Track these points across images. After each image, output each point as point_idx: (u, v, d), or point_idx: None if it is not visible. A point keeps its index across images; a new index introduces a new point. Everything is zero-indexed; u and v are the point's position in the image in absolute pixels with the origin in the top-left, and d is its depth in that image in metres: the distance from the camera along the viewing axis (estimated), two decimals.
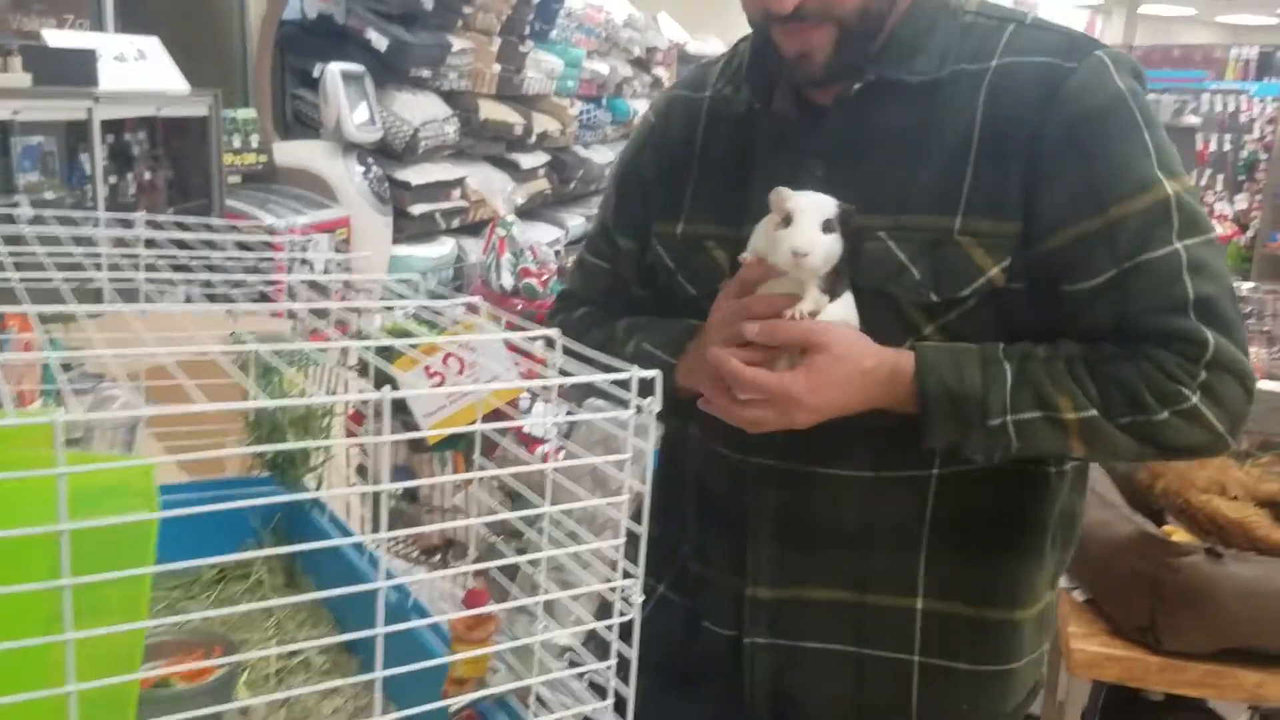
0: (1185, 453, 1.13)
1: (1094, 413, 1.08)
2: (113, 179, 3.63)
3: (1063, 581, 1.61)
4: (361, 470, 1.58)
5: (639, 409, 0.81)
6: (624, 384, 0.81)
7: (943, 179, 1.11)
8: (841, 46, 1.10)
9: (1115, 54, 1.13)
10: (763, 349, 1.10)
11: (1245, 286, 3.52)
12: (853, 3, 1.09)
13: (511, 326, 1.51)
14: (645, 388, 0.81)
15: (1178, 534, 1.86)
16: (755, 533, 1.24)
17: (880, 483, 1.19)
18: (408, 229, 5.49)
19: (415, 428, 0.96)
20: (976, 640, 1.22)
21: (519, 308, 2.24)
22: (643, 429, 0.82)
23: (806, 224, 1.05)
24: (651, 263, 1.32)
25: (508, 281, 2.24)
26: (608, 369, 0.82)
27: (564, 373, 0.85)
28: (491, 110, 6.30)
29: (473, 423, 1.06)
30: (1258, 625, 1.71)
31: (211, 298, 1.21)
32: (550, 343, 0.89)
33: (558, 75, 7.33)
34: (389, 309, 1.12)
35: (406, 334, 1.40)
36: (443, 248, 5.77)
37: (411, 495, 1.77)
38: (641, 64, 9.33)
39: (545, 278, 2.26)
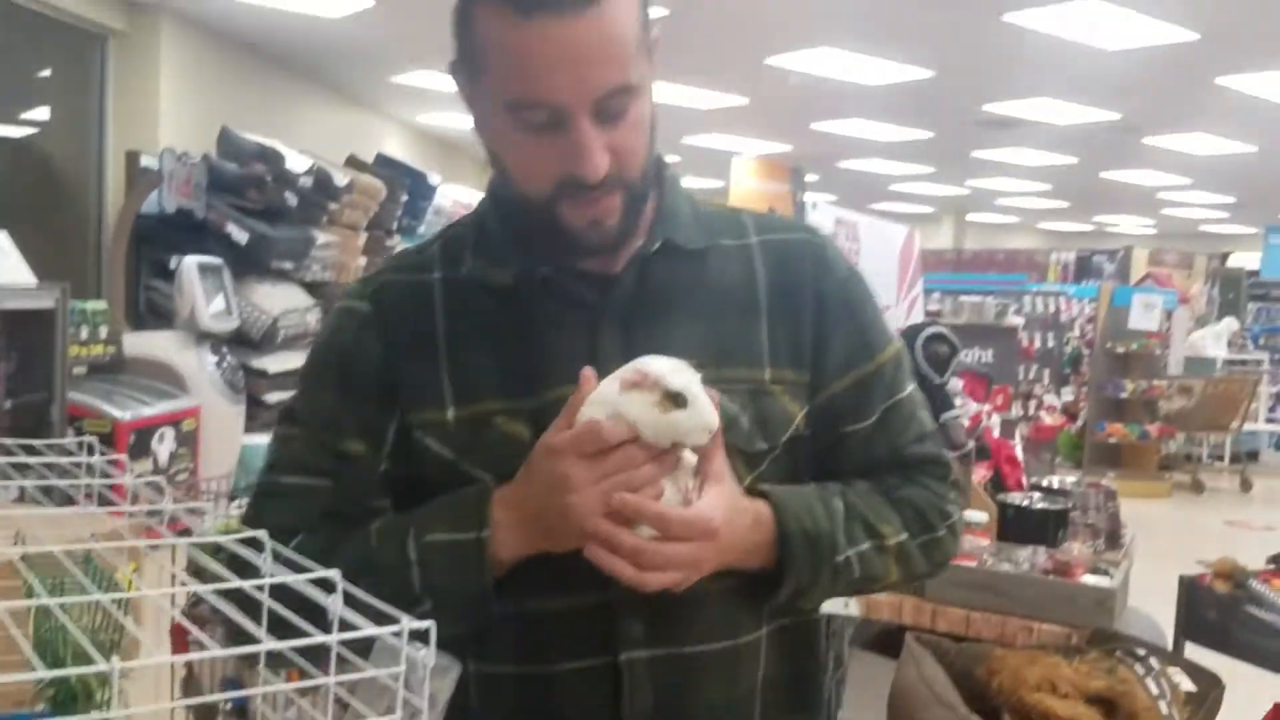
0: (945, 566, 1.26)
1: (905, 536, 1.18)
2: None
3: None
4: (187, 683, 1.50)
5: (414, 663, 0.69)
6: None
7: (743, 335, 1.17)
8: (627, 212, 1.11)
9: None
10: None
11: (1070, 480, 3.61)
12: (638, 168, 1.10)
13: None
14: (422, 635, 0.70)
15: None
16: None
17: (737, 651, 1.15)
18: (263, 417, 5.42)
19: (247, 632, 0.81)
20: None
21: None
22: (419, 683, 0.70)
23: (705, 400, 1.00)
24: (390, 469, 1.15)
25: None
26: (382, 617, 0.71)
27: (345, 624, 0.71)
28: None
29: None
30: None
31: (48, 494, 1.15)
32: (328, 586, 0.73)
33: None
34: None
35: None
36: None
37: (241, 710, 1.65)
38: None
39: None
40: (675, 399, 1.00)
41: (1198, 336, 11.26)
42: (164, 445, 4.87)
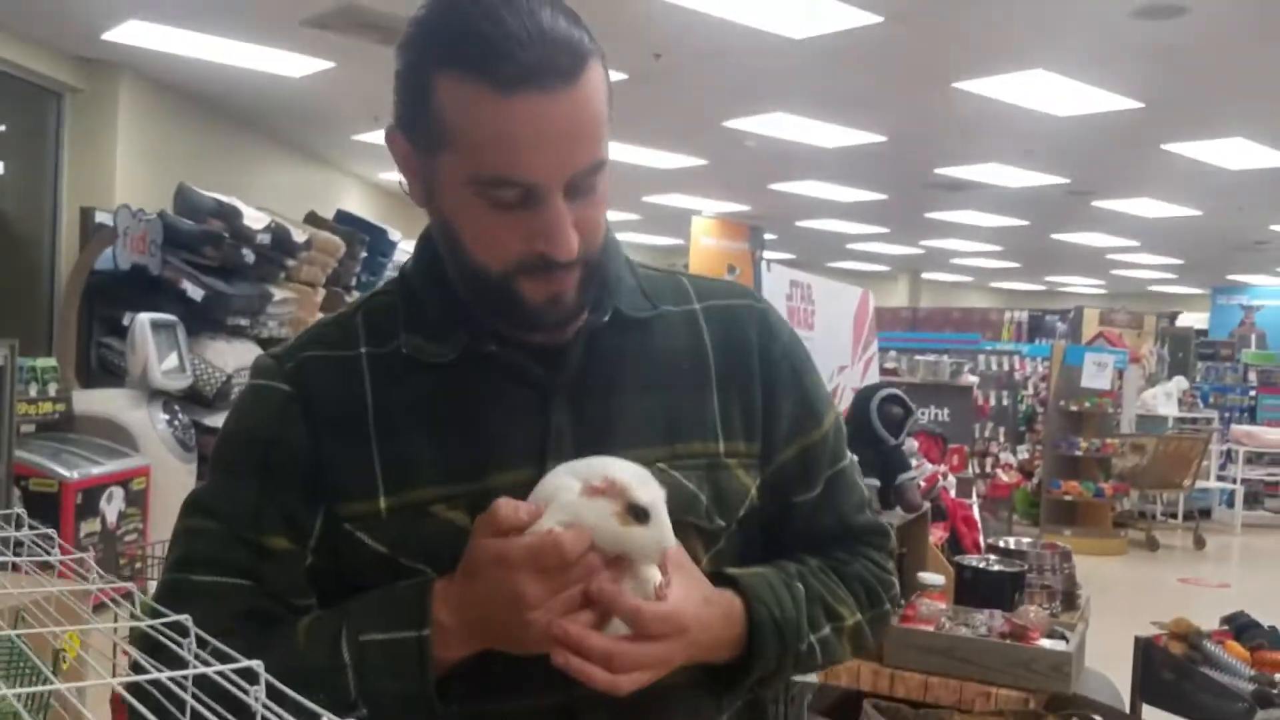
0: (882, 638, 1.25)
1: (859, 616, 1.16)
2: None
3: None
4: None
5: None
6: None
7: (695, 407, 1.12)
8: (584, 286, 1.06)
9: None
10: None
11: (1025, 541, 3.61)
12: (599, 242, 1.06)
13: None
14: None
15: None
16: None
17: None
18: None
19: None
20: None
21: None
22: None
23: (665, 519, 0.95)
24: (316, 564, 1.05)
25: None
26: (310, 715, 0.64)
27: None
28: None
29: None
30: None
31: None
32: (250, 677, 0.67)
33: None
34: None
35: None
36: None
37: None
38: None
39: None
40: (637, 514, 0.94)
41: (1149, 395, 11.43)
42: (112, 505, 4.78)
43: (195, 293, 5.20)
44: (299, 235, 5.96)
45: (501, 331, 1.07)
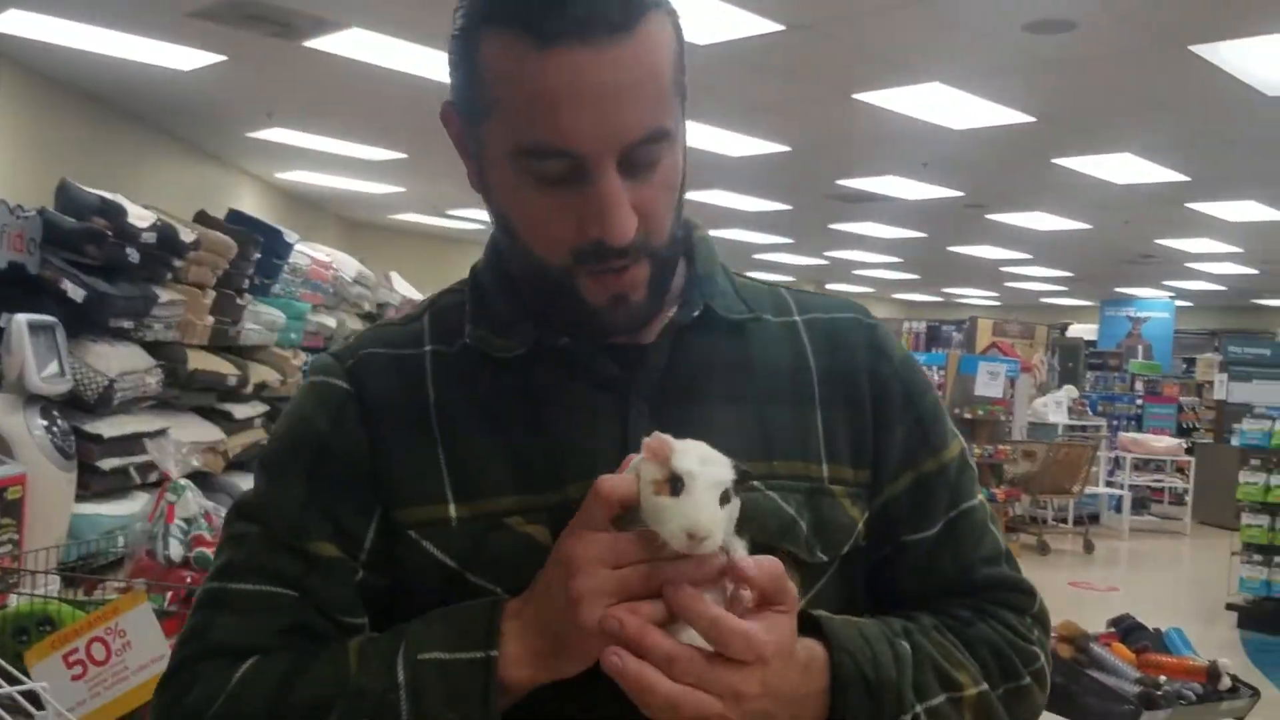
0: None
1: (985, 686, 0.96)
2: None
3: None
4: None
5: None
6: None
7: (796, 424, 0.99)
8: (654, 285, 0.94)
9: None
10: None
11: None
12: (667, 233, 0.93)
13: (178, 598, 1.36)
14: None
15: None
16: None
17: None
18: (97, 484, 5.12)
19: None
20: None
21: (188, 580, 2.10)
22: None
23: (704, 497, 0.79)
24: (367, 579, 0.94)
25: (176, 552, 2.10)
26: None
27: None
28: (202, 361, 6.10)
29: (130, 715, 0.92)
30: None
31: None
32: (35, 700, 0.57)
33: (279, 328, 7.24)
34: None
35: (46, 616, 1.26)
36: (135, 504, 5.38)
37: None
38: (373, 319, 9.39)
39: None
40: (673, 483, 0.80)
41: (1040, 403, 11.76)
42: None
43: (76, 293, 4.96)
44: (187, 235, 5.76)
45: (573, 335, 0.96)
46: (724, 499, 0.80)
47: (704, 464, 0.81)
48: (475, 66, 0.89)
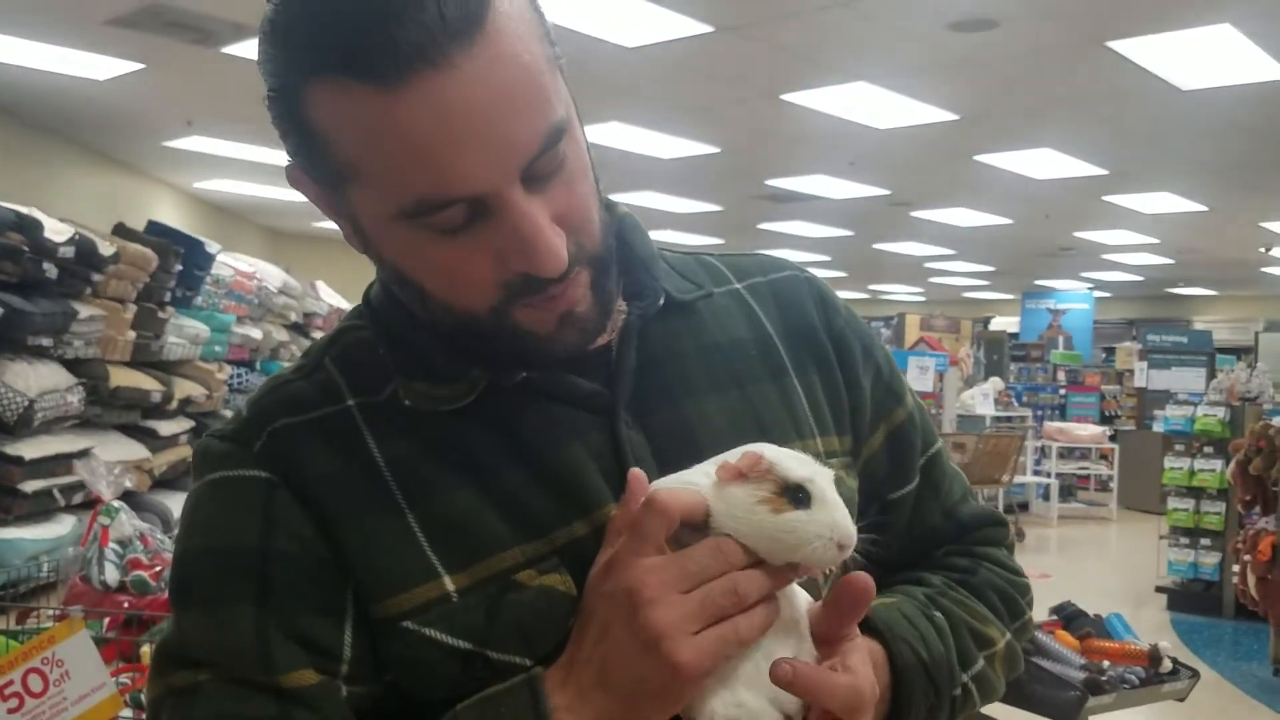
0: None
1: (1009, 636, 0.95)
2: None
3: None
4: None
5: None
6: None
7: (779, 401, 0.91)
8: (599, 289, 0.82)
9: None
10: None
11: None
12: (596, 229, 0.81)
13: (116, 624, 1.30)
14: None
15: None
16: None
17: None
18: (18, 508, 4.96)
19: None
20: None
21: (126, 605, 2.02)
22: None
23: (837, 501, 0.72)
24: (356, 694, 0.79)
25: (112, 576, 2.02)
26: None
27: None
28: (124, 377, 5.94)
29: None
30: None
31: None
32: None
33: (204, 341, 7.08)
34: None
35: None
36: (61, 527, 5.22)
37: None
38: (300, 329, 9.23)
39: (159, 569, 2.08)
40: (795, 495, 0.70)
41: (967, 396, 11.96)
42: None
43: None
44: (106, 248, 5.60)
45: (521, 367, 0.83)
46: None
47: (807, 465, 0.73)
48: (312, 129, 0.73)
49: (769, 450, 0.73)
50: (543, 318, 0.79)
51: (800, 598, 0.78)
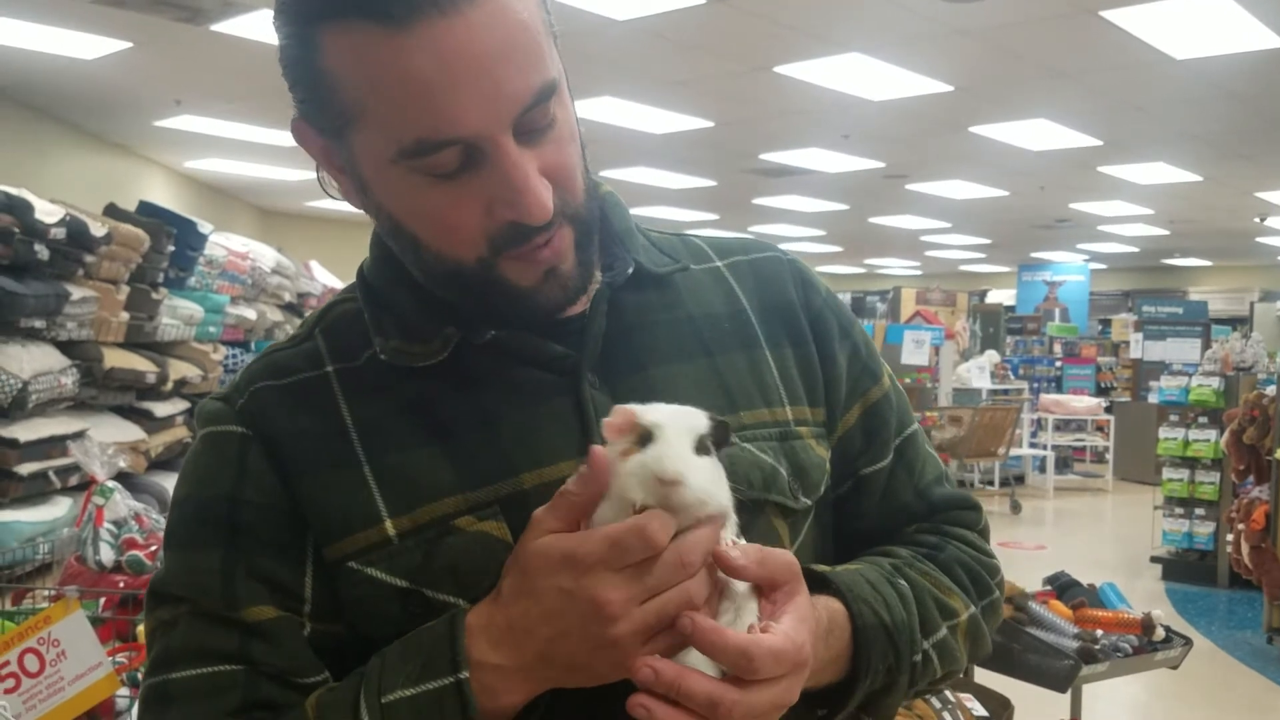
0: (992, 634, 1.03)
1: (974, 609, 0.97)
2: None
3: None
4: None
5: None
6: None
7: (750, 370, 0.95)
8: (581, 249, 0.87)
9: None
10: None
11: None
12: (580, 188, 0.86)
13: (112, 604, 1.31)
14: None
15: None
16: None
17: None
18: (14, 490, 4.96)
19: None
20: None
21: (121, 585, 2.03)
22: None
23: (675, 443, 0.74)
24: (318, 630, 0.85)
25: (107, 556, 2.02)
26: None
27: None
28: (119, 359, 5.93)
29: None
30: None
31: None
32: None
33: (197, 322, 7.07)
34: None
35: None
36: (57, 509, 5.22)
37: None
38: (294, 309, 9.21)
39: (154, 549, 2.08)
40: (644, 440, 0.74)
41: (964, 369, 11.99)
42: None
43: None
44: (98, 229, 5.58)
45: (502, 325, 0.88)
46: (700, 448, 0.75)
47: (673, 416, 0.76)
48: (322, 73, 0.79)
49: (645, 407, 0.76)
50: (528, 270, 0.84)
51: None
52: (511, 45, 0.77)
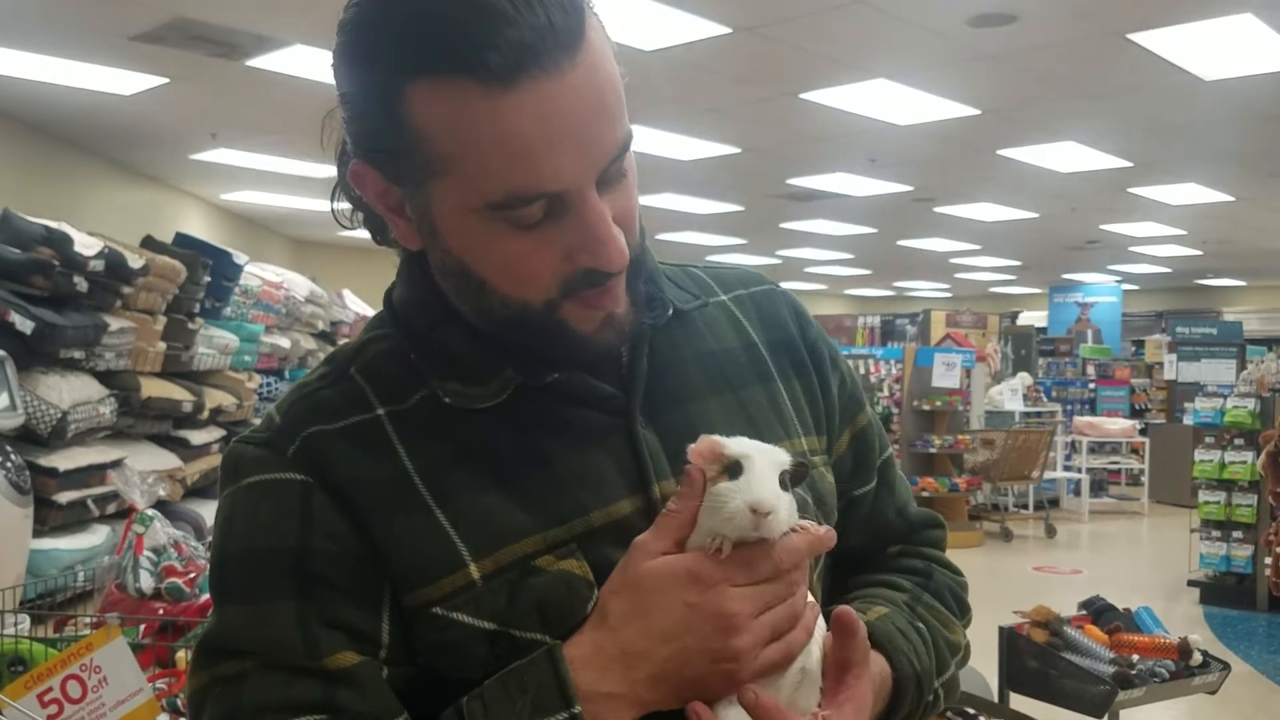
0: None
1: (965, 637, 1.05)
2: None
3: None
4: None
5: None
6: None
7: (768, 403, 0.99)
8: (631, 289, 0.89)
9: None
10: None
11: None
12: (637, 234, 0.89)
13: (151, 630, 1.33)
14: None
15: None
16: None
17: None
18: (53, 519, 5.03)
19: None
20: None
21: (161, 612, 2.06)
22: None
23: (764, 474, 0.79)
24: (393, 675, 0.85)
25: (147, 584, 2.05)
26: None
27: None
28: (156, 388, 6.01)
29: None
30: None
31: None
32: None
33: (233, 351, 7.16)
34: None
35: (17, 656, 1.22)
36: (95, 537, 5.30)
37: None
38: (327, 337, 9.30)
39: (193, 576, 2.11)
40: (733, 469, 0.79)
41: (995, 391, 11.90)
42: None
43: (25, 325, 4.87)
44: (135, 261, 5.68)
45: (557, 366, 0.89)
46: (783, 483, 0.80)
47: (759, 449, 0.81)
48: (405, 125, 0.77)
49: (731, 439, 0.82)
50: (590, 315, 0.85)
51: (819, 641, 0.86)
52: (602, 102, 0.79)
